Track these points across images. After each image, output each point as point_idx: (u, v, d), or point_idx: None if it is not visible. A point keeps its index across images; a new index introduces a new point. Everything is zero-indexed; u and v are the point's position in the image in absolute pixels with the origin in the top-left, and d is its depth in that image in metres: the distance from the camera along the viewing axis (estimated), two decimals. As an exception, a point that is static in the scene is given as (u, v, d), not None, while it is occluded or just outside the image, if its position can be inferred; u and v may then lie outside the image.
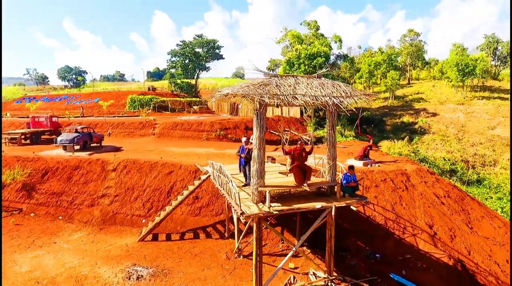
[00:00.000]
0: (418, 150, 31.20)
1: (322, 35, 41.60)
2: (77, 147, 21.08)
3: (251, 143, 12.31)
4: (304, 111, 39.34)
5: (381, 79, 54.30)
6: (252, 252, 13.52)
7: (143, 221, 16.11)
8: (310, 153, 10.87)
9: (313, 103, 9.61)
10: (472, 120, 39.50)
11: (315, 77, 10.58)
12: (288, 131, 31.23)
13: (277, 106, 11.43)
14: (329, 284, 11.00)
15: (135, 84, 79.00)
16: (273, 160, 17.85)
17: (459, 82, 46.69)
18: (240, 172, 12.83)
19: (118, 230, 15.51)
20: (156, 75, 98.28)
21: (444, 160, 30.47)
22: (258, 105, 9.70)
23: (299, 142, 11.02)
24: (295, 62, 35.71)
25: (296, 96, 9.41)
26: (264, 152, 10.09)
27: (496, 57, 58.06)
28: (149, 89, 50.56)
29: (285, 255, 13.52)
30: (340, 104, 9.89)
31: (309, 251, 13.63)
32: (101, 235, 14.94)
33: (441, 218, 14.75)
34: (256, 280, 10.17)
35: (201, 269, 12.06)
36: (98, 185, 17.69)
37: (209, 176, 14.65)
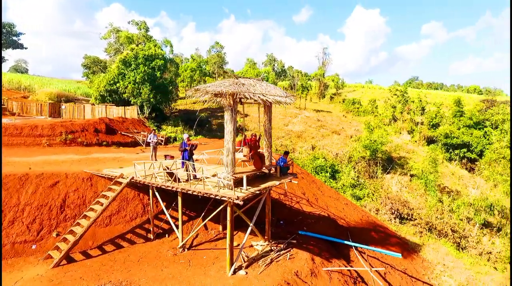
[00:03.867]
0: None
1: (152, 37, 41.68)
2: None
3: (191, 139, 13.25)
4: (138, 111, 38.42)
5: (198, 83, 59.58)
6: (192, 244, 14.37)
7: (34, 246, 12.86)
8: (259, 141, 13.25)
9: (271, 100, 12.07)
10: (273, 119, 51.27)
11: (259, 80, 13.02)
12: (137, 132, 30.49)
13: (241, 103, 13.14)
14: (272, 248, 13.76)
15: None
16: (172, 157, 18.31)
17: (258, 90, 58.79)
18: (183, 167, 13.32)
19: (5, 265, 11.76)
20: None
21: (266, 150, 38.72)
22: (232, 102, 11.23)
23: (252, 133, 13.10)
24: (132, 62, 34.46)
25: (264, 94, 11.63)
26: (235, 144, 11.65)
27: (274, 71, 76.68)
28: None
29: (219, 239, 15.12)
30: (286, 102, 12.83)
31: (236, 232, 15.68)
32: (-16, 276, 10.95)
33: (307, 188, 20.46)
34: (229, 257, 11.60)
35: (160, 270, 11.83)
36: None
37: (132, 178, 13.86)
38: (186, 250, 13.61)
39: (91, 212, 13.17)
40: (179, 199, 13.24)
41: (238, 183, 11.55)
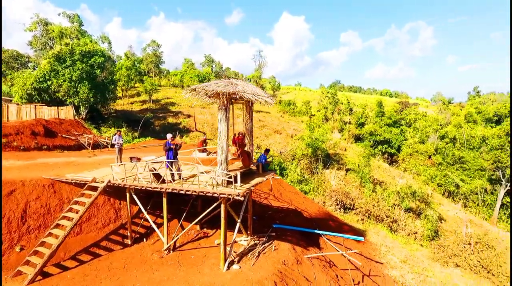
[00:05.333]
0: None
1: (86, 31, 38.20)
2: None
3: (175, 139, 13.29)
4: (74, 112, 35.08)
5: (134, 83, 56.43)
6: (175, 246, 14.20)
7: (-6, 265, 11.32)
8: (244, 138, 13.69)
9: (262, 100, 12.60)
10: (216, 119, 51.32)
11: (244, 81, 13.46)
12: (79, 134, 28.18)
13: (231, 103, 13.33)
14: (255, 242, 14.33)
15: None
16: (138, 159, 17.70)
17: (199, 90, 58.23)
18: (167, 167, 13.06)
19: (-35, 288, 10.15)
20: None
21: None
22: (225, 101, 11.54)
23: (238, 132, 13.44)
24: (67, 59, 31.36)
25: (255, 94, 12.12)
26: (228, 143, 11.94)
27: (213, 72, 76.53)
28: None
29: (199, 238, 15.15)
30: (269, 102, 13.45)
31: (214, 230, 15.84)
32: None
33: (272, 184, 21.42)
34: (223, 254, 11.88)
35: (151, 273, 11.51)
36: None
37: (109, 181, 13.10)
38: (171, 252, 13.37)
39: (65, 221, 12.12)
40: (164, 200, 12.95)
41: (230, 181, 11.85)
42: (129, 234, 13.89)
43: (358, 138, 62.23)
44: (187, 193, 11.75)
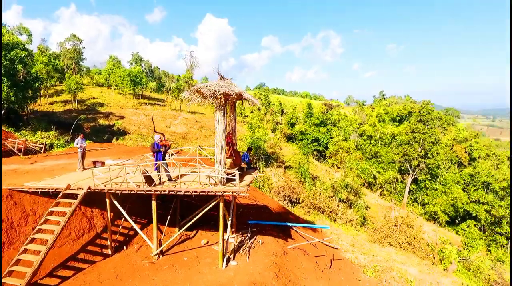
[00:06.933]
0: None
1: (-2, 19, 32.53)
2: None
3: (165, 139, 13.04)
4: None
5: (55, 81, 50.14)
6: (162, 250, 13.78)
7: (-46, 294, 9.50)
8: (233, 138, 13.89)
9: (255, 100, 12.99)
10: (151, 121, 48.94)
11: (230, 79, 13.69)
12: (4, 139, 24.45)
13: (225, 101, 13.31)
14: (241, 238, 14.67)
15: None
16: (102, 164, 16.50)
17: (131, 90, 54.62)
18: (156, 169, 12.58)
19: None
20: None
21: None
22: (223, 101, 11.75)
23: (229, 132, 13.55)
24: (-22, 50, 26.63)
25: (246, 93, 12.49)
26: (225, 142, 12.08)
27: (144, 71, 72.29)
28: None
29: (184, 240, 14.88)
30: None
31: (194, 231, 15.62)
32: None
33: (235, 183, 21.78)
34: (221, 252, 12.06)
35: (150, 279, 11.01)
36: None
37: (89, 187, 12.01)
38: (160, 256, 12.87)
39: (40, 234, 10.76)
40: (154, 204, 12.41)
41: (228, 179, 12.02)
42: (109, 243, 12.87)
43: (289, 138, 66.07)
44: (186, 193, 11.55)
